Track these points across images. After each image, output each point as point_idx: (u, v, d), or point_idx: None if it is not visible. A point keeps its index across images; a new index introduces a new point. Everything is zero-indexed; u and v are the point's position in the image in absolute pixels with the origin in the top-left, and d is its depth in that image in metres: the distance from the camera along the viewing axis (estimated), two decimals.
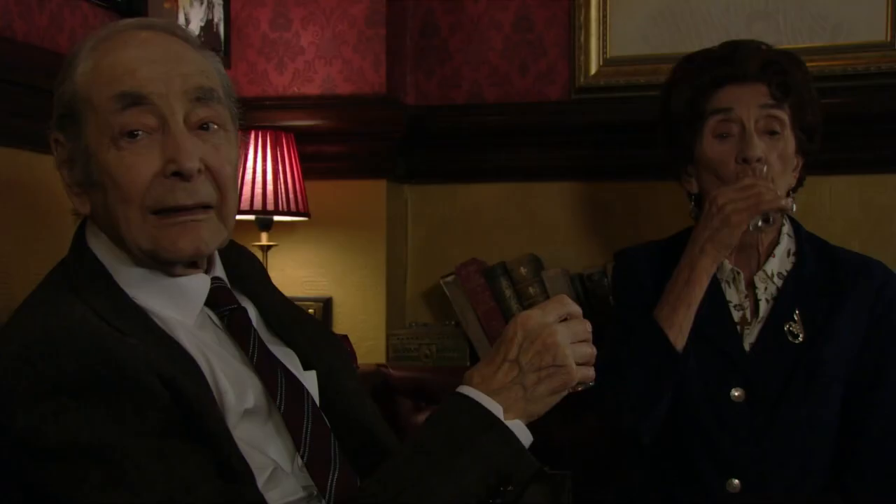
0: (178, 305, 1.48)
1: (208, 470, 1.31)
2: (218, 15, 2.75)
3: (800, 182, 2.16)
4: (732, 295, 2.09)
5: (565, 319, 1.43)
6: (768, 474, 1.98)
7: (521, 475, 1.37)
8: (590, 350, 1.43)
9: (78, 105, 1.44)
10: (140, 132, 1.40)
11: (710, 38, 2.61)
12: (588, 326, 1.44)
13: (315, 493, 1.46)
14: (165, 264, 1.46)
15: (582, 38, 2.80)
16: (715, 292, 2.07)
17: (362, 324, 2.82)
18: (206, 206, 1.44)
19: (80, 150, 1.44)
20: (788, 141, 2.07)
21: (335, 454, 1.51)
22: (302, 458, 1.47)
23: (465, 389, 1.39)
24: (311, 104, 2.85)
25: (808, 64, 2.59)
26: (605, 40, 2.79)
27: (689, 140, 2.09)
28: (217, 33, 2.74)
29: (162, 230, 1.42)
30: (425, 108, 2.91)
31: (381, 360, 2.79)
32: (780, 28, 2.66)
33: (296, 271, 2.86)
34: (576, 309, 1.44)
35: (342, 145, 2.81)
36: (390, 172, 2.86)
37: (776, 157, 2.04)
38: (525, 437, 1.39)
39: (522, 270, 2.74)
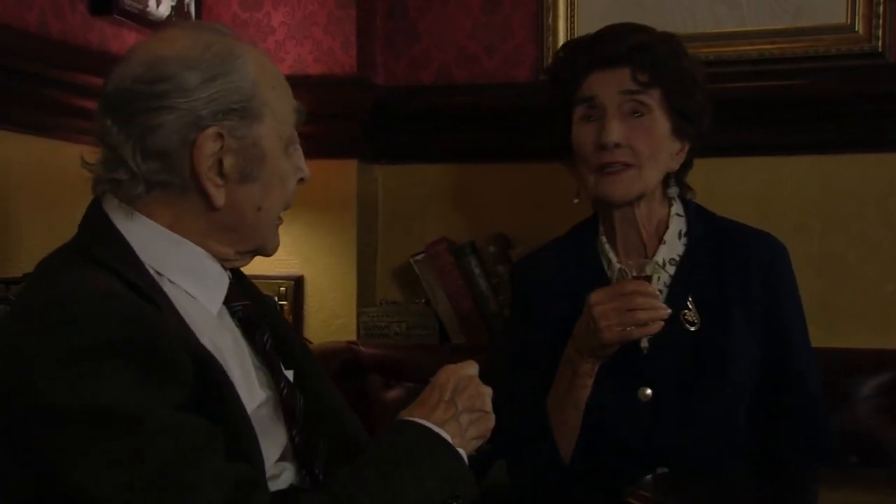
0: (209, 294, 1.52)
1: (218, 448, 1.30)
2: None
3: (685, 166, 2.13)
4: None
5: None
6: (694, 460, 1.96)
7: (466, 494, 1.44)
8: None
9: (254, 103, 1.47)
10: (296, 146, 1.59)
11: (674, 20, 2.65)
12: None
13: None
14: (226, 260, 1.55)
15: (549, 19, 2.82)
16: None
17: (333, 302, 2.85)
18: None
19: (247, 145, 1.48)
20: (658, 123, 2.04)
21: (322, 442, 1.56)
22: (293, 441, 1.51)
23: (410, 418, 1.46)
24: None
25: (769, 46, 2.67)
26: (572, 21, 2.82)
27: (563, 128, 2.10)
28: (188, 13, 2.75)
29: (275, 231, 1.61)
30: (395, 88, 2.93)
31: (352, 337, 2.82)
32: (743, 10, 2.69)
33: None
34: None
35: (313, 125, 2.75)
36: (361, 153, 2.88)
37: (641, 139, 2.02)
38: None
39: (491, 249, 2.78)
